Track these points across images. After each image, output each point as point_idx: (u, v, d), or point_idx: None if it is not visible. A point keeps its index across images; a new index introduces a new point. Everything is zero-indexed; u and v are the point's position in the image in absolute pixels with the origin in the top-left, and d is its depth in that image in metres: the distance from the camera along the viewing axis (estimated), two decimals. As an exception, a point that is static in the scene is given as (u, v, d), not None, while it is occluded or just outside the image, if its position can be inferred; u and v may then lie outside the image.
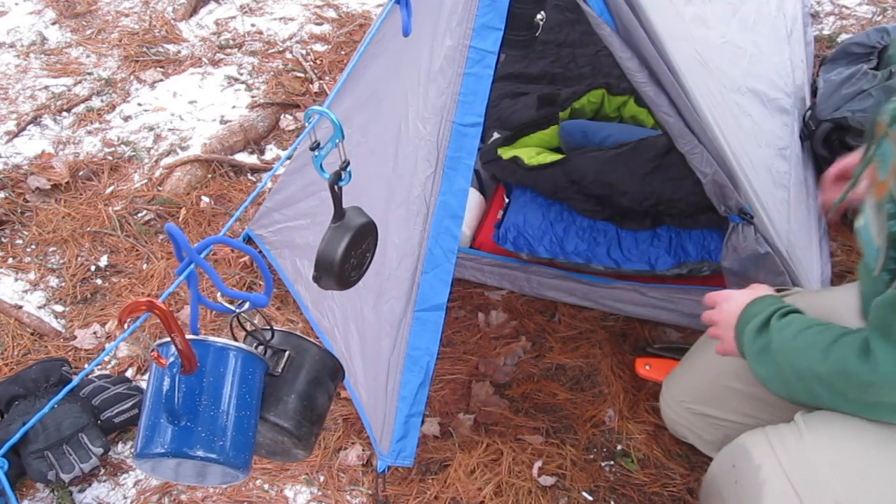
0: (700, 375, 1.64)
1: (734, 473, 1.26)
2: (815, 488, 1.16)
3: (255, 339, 1.09)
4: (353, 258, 1.08)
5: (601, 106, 2.39)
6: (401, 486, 1.84)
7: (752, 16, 2.23)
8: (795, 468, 1.18)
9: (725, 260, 1.80)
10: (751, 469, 1.23)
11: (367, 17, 3.53)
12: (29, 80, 3.17)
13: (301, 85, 3.14)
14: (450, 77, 1.52)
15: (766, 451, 1.23)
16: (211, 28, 3.50)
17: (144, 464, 0.94)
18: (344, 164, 1.02)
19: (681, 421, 1.68)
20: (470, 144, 1.55)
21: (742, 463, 1.26)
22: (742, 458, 1.26)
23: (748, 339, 1.29)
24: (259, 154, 2.88)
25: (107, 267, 2.43)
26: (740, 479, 1.24)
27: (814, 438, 1.21)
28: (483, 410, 2.00)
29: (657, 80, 1.57)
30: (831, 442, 1.21)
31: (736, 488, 1.24)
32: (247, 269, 2.38)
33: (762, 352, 1.26)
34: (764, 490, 1.19)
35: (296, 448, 1.09)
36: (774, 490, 1.18)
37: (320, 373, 1.12)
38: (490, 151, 2.24)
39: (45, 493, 1.88)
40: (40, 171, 2.73)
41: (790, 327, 1.23)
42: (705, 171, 1.66)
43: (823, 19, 3.20)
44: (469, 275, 2.25)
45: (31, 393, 1.92)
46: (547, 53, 2.69)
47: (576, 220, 2.09)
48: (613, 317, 2.19)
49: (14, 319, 2.25)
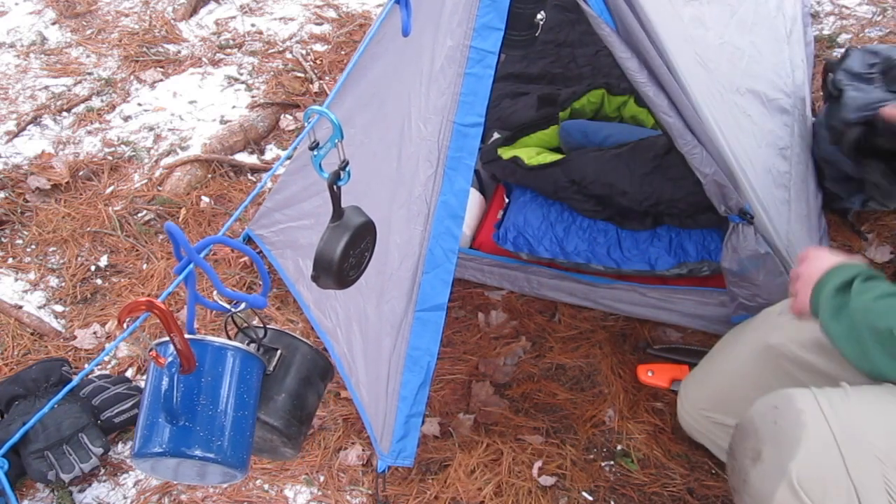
0: (719, 383, 1.63)
1: (774, 414, 1.24)
2: (855, 441, 1.14)
3: (246, 336, 1.09)
4: (352, 257, 1.08)
5: (601, 106, 2.39)
6: (401, 486, 1.84)
7: (751, 17, 2.23)
8: (838, 419, 1.16)
9: (725, 260, 1.80)
10: (792, 412, 1.20)
11: (367, 17, 3.52)
12: (29, 80, 3.17)
13: (301, 85, 3.14)
14: (450, 77, 1.53)
15: (810, 400, 1.21)
16: (211, 28, 3.50)
17: (143, 463, 0.94)
18: (343, 163, 1.02)
19: (699, 428, 1.68)
20: (470, 144, 1.55)
21: (784, 405, 1.23)
22: (785, 401, 1.24)
23: (826, 297, 1.26)
24: (259, 154, 2.88)
25: (107, 267, 2.43)
26: (780, 420, 1.22)
27: (859, 398, 1.20)
28: (483, 410, 2.00)
29: (657, 80, 1.58)
30: (876, 404, 1.20)
31: (774, 428, 1.22)
32: (246, 269, 2.38)
33: (839, 310, 1.24)
34: (803, 433, 1.17)
35: (284, 447, 1.10)
36: (814, 434, 1.16)
37: (311, 372, 1.12)
38: (490, 151, 2.24)
39: (45, 493, 1.88)
40: (40, 171, 2.73)
41: (874, 290, 1.22)
42: (705, 171, 1.66)
43: (823, 19, 3.19)
44: (469, 275, 2.25)
45: (31, 393, 1.92)
46: (547, 53, 2.69)
47: (576, 220, 2.09)
48: (613, 317, 2.19)
49: (14, 319, 2.26)
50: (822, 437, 1.15)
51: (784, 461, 1.16)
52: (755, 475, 1.22)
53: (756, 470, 1.22)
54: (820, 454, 1.15)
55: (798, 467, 1.14)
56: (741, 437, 1.31)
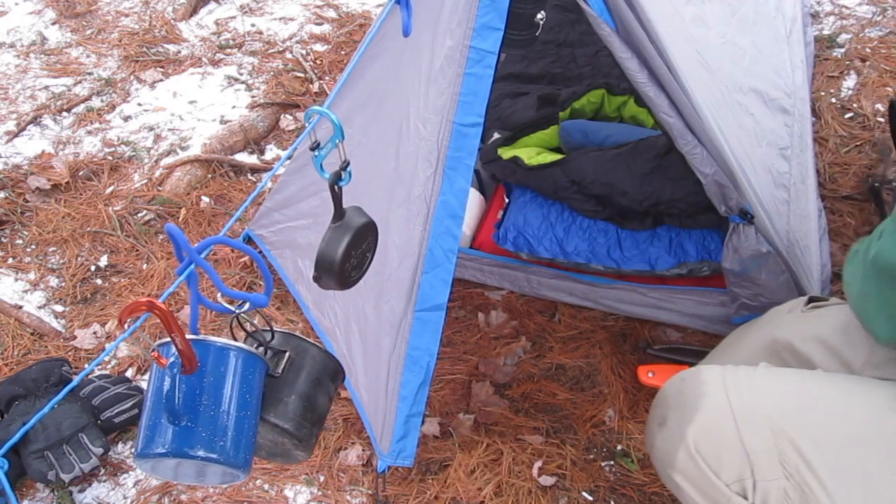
0: None
1: (681, 384, 1.32)
2: (751, 413, 1.20)
3: (255, 340, 1.09)
4: (354, 258, 1.08)
5: (601, 106, 2.39)
6: (401, 486, 1.84)
7: (752, 16, 2.23)
8: (738, 392, 1.23)
9: (726, 260, 1.80)
10: (696, 382, 1.29)
11: (367, 17, 3.52)
12: (29, 80, 3.17)
13: (301, 85, 3.14)
14: (450, 77, 1.52)
15: (715, 374, 1.29)
16: (211, 28, 3.50)
17: (145, 464, 0.94)
18: (344, 164, 1.02)
19: None
20: (470, 144, 1.55)
21: (691, 377, 1.32)
22: (691, 374, 1.32)
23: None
24: (259, 154, 2.88)
25: (107, 267, 2.43)
26: (684, 390, 1.30)
27: (768, 376, 1.28)
28: (483, 410, 2.00)
29: (657, 80, 1.58)
30: (785, 384, 1.26)
31: (678, 397, 1.30)
32: (247, 269, 2.38)
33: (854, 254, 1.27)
34: (702, 401, 1.24)
35: (296, 449, 1.09)
36: (712, 403, 1.23)
37: (321, 374, 1.12)
38: (490, 151, 2.24)
39: (45, 493, 1.88)
40: (40, 171, 2.73)
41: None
42: (705, 171, 1.66)
43: (823, 19, 3.19)
44: (469, 275, 2.25)
45: (31, 393, 1.92)
46: (547, 53, 2.69)
47: (576, 220, 2.09)
48: (613, 317, 2.19)
49: (14, 319, 2.25)
50: (719, 407, 1.22)
51: (683, 426, 1.23)
52: (660, 439, 1.30)
53: (661, 434, 1.30)
54: (715, 421, 1.22)
55: (695, 432, 1.22)
56: (654, 405, 1.38)
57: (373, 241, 1.12)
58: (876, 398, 1.20)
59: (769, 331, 1.53)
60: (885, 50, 2.98)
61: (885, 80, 2.84)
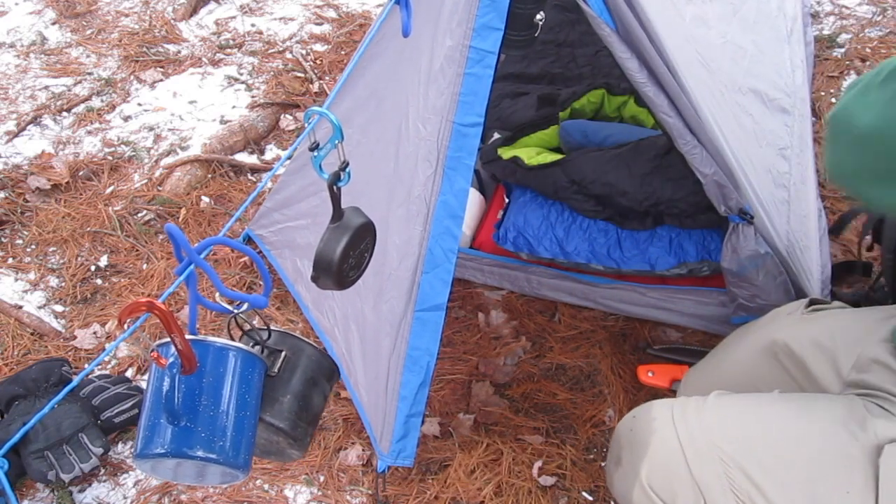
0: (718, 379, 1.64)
1: (632, 422, 1.33)
2: (699, 445, 1.21)
3: (251, 338, 1.09)
4: (352, 258, 1.08)
5: (601, 106, 2.39)
6: (401, 486, 1.84)
7: (753, 15, 2.23)
8: (686, 425, 1.24)
9: (725, 260, 1.80)
10: (646, 419, 1.30)
11: (367, 17, 3.52)
12: (29, 80, 3.17)
13: (301, 85, 3.14)
14: (450, 77, 1.52)
15: (665, 410, 1.30)
16: (211, 28, 3.50)
17: (144, 464, 0.94)
18: (343, 164, 1.02)
19: None
20: (470, 144, 1.55)
21: (642, 415, 1.33)
22: (643, 411, 1.34)
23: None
24: (259, 154, 2.88)
25: (107, 267, 2.44)
26: (635, 427, 1.31)
27: (717, 405, 1.28)
28: (483, 410, 2.00)
29: (657, 80, 1.57)
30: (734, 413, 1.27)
31: (630, 435, 1.31)
32: (247, 270, 2.38)
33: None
34: (652, 438, 1.26)
35: (291, 448, 1.09)
36: (661, 439, 1.25)
37: (316, 373, 1.12)
38: (490, 151, 2.24)
39: (45, 493, 1.88)
40: (40, 171, 2.73)
41: None
42: (705, 171, 1.66)
43: (823, 19, 3.19)
44: (469, 275, 2.25)
45: (31, 393, 1.92)
46: (547, 53, 2.69)
47: (576, 221, 2.09)
48: (613, 317, 2.19)
49: (14, 319, 2.26)
50: (668, 442, 1.23)
51: (637, 464, 1.25)
52: (617, 478, 1.32)
53: (618, 473, 1.32)
54: (666, 457, 1.23)
55: (647, 469, 1.24)
56: (611, 445, 1.40)
57: (371, 241, 1.12)
58: (830, 416, 1.20)
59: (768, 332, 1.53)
60: (885, 50, 2.98)
61: (886, 79, 2.84)
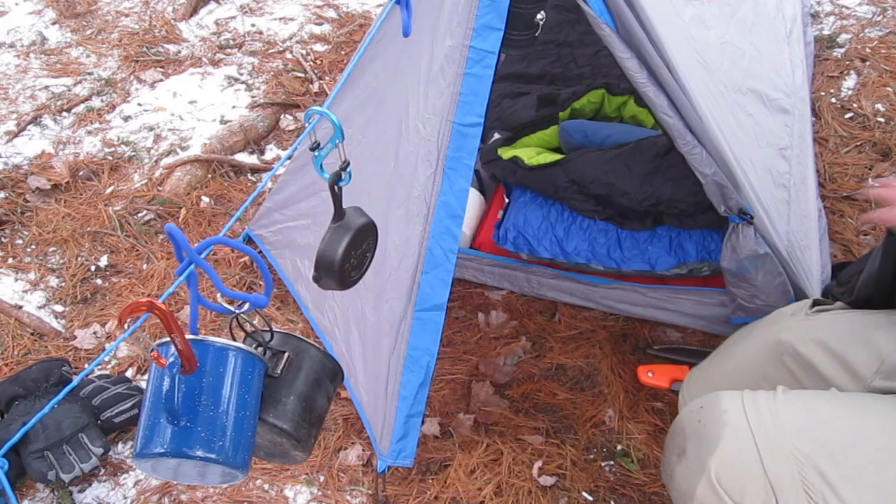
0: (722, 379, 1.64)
1: (700, 413, 1.28)
2: (774, 441, 1.17)
3: (254, 340, 1.09)
4: (353, 258, 1.08)
5: (601, 106, 2.39)
6: (401, 486, 1.84)
7: (751, 17, 2.23)
8: (759, 419, 1.20)
9: (725, 260, 1.80)
10: (716, 411, 1.24)
11: (367, 17, 3.53)
12: (29, 80, 3.17)
13: (301, 85, 3.14)
14: (450, 77, 1.52)
15: (735, 400, 1.25)
16: (211, 28, 3.50)
17: (144, 463, 0.94)
18: (344, 164, 1.02)
19: None
20: (470, 144, 1.55)
21: (710, 405, 1.27)
22: (711, 402, 1.28)
23: None
24: (259, 154, 2.88)
25: (107, 267, 2.44)
26: (704, 419, 1.26)
27: (788, 400, 1.23)
28: (483, 410, 2.00)
29: (657, 80, 1.57)
30: (804, 408, 1.22)
31: (698, 426, 1.26)
32: (247, 269, 2.38)
33: None
34: (724, 431, 1.20)
35: (294, 450, 1.09)
36: (734, 433, 1.20)
37: (319, 374, 1.12)
38: (490, 151, 2.24)
39: (45, 493, 1.88)
40: (40, 171, 2.73)
41: None
42: (705, 171, 1.66)
43: (823, 19, 3.20)
44: (469, 275, 2.25)
45: (31, 393, 1.92)
46: (547, 53, 2.69)
47: (576, 221, 2.09)
48: (613, 317, 2.19)
49: (14, 319, 2.26)
50: (742, 436, 1.18)
51: (704, 457, 1.19)
52: (679, 471, 1.26)
53: (680, 466, 1.26)
54: (738, 452, 1.18)
55: (717, 464, 1.18)
56: (671, 435, 1.34)
57: (372, 241, 1.12)
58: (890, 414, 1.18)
59: (772, 333, 1.53)
60: (885, 50, 2.98)
61: (885, 80, 2.85)
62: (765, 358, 1.48)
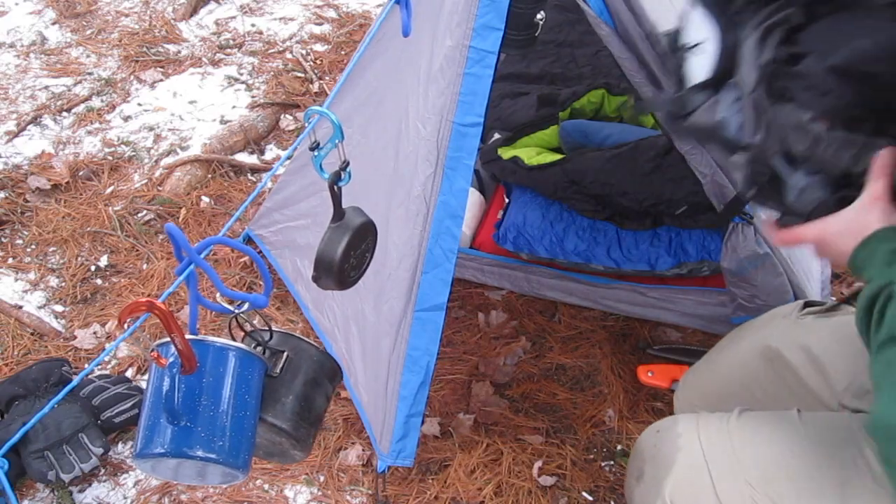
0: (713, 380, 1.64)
1: (656, 437, 1.30)
2: (726, 465, 1.18)
3: (253, 339, 1.09)
4: (353, 258, 1.08)
5: (601, 106, 2.39)
6: (401, 486, 1.84)
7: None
8: (711, 444, 1.21)
9: (725, 260, 1.80)
10: (672, 434, 1.26)
11: (367, 17, 3.53)
12: (29, 80, 3.17)
13: (301, 85, 3.14)
14: (450, 77, 1.52)
15: (689, 423, 1.26)
16: (211, 28, 3.50)
17: (144, 464, 0.94)
18: (343, 164, 1.02)
19: None
20: (470, 144, 1.55)
21: (665, 429, 1.29)
22: (667, 425, 1.30)
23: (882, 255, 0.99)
24: (259, 154, 2.88)
25: (107, 267, 2.43)
26: (659, 443, 1.28)
27: (743, 424, 1.24)
28: (483, 410, 2.00)
29: (656, 80, 1.57)
30: (760, 432, 1.23)
31: (654, 450, 1.28)
32: (247, 270, 2.38)
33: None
34: (678, 455, 1.22)
35: (293, 449, 1.09)
36: (686, 456, 1.21)
37: (318, 374, 1.12)
38: (490, 151, 2.24)
39: (45, 493, 1.88)
40: (40, 171, 2.73)
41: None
42: (705, 171, 1.66)
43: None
44: (469, 275, 2.25)
45: (31, 393, 1.92)
46: (547, 53, 2.69)
47: (576, 220, 2.09)
48: (613, 317, 2.19)
49: (14, 319, 2.25)
50: (694, 460, 1.20)
51: (660, 480, 1.22)
52: (638, 493, 1.28)
53: (639, 488, 1.28)
54: (691, 475, 1.20)
55: (671, 487, 1.20)
56: (632, 458, 1.37)
57: (372, 241, 1.12)
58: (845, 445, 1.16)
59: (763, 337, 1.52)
60: None
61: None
62: (755, 361, 1.47)
